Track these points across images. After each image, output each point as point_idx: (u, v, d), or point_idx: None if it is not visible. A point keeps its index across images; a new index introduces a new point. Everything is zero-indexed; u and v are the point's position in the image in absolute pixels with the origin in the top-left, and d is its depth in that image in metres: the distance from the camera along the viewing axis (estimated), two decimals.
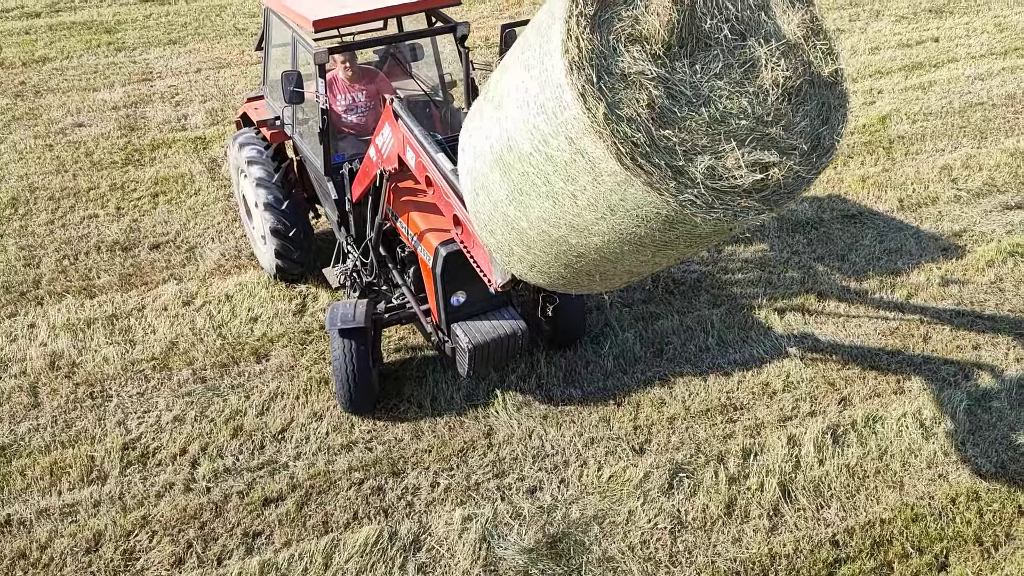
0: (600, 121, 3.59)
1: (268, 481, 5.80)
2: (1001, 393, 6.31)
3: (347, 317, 5.95)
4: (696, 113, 3.80)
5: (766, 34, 4.00)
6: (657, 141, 3.69)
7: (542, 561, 5.17)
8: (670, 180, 3.66)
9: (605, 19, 3.75)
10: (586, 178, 3.78)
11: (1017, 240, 7.97)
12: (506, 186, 4.19)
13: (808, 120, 3.98)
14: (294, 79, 6.11)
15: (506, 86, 4.06)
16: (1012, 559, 5.07)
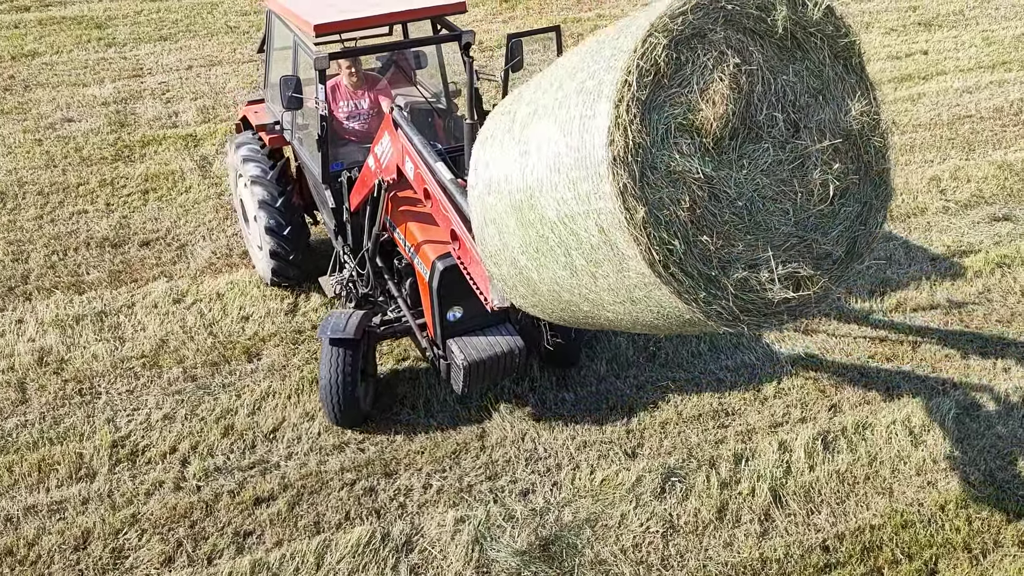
0: (638, 224, 3.41)
1: (259, 481, 5.76)
2: (989, 402, 6.38)
3: (338, 327, 5.79)
4: (738, 216, 3.66)
5: (821, 124, 3.83)
6: (693, 248, 3.54)
7: (534, 563, 5.17)
8: (700, 290, 3.53)
9: (657, 103, 3.52)
10: (611, 267, 3.62)
11: (1004, 251, 8.06)
12: (521, 237, 4.00)
13: (847, 223, 3.87)
14: (293, 84, 6.02)
15: (536, 137, 3.82)
16: (1000, 566, 5.12)
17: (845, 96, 3.88)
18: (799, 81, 3.82)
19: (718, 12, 3.63)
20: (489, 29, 13.23)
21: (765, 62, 3.77)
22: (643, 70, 3.44)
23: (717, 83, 3.59)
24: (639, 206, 3.41)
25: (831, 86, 3.87)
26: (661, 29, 3.49)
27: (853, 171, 3.88)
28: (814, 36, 3.82)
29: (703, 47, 3.62)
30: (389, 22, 6.84)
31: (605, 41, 3.74)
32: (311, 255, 7.35)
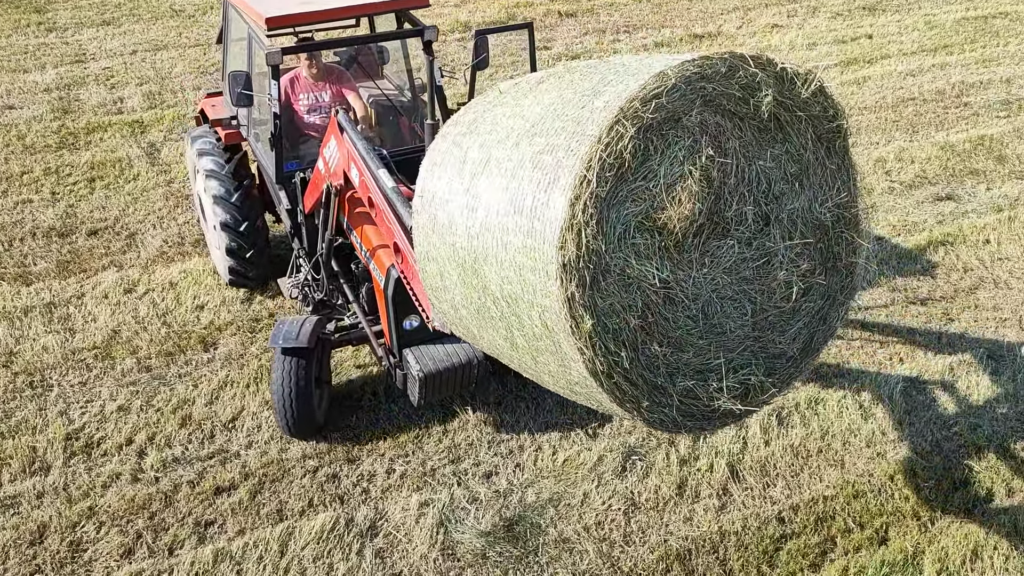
0: (584, 334, 3.14)
1: (219, 470, 5.71)
2: (935, 375, 6.59)
3: (291, 335, 5.55)
4: (692, 320, 3.41)
5: (793, 215, 3.54)
6: (641, 356, 3.31)
7: (499, 544, 5.22)
8: (644, 399, 3.32)
9: (618, 199, 3.17)
10: (553, 359, 3.36)
11: (947, 230, 8.31)
12: (462, 292, 3.73)
13: (807, 319, 3.67)
14: (242, 81, 5.79)
15: (485, 196, 3.47)
16: (948, 532, 5.32)
17: (824, 183, 3.60)
18: (776, 166, 3.51)
19: (696, 94, 3.25)
20: (442, 13, 13.15)
21: (742, 148, 3.44)
22: (605, 164, 3.08)
23: (686, 178, 3.25)
24: (587, 316, 3.12)
25: (810, 171, 3.58)
26: (630, 116, 3.11)
27: (820, 265, 3.65)
28: (799, 117, 3.50)
29: (675, 133, 3.27)
30: (344, 16, 6.61)
31: (573, 96, 3.37)
32: (271, 254, 7.14)
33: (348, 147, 5.27)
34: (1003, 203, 8.73)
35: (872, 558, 5.14)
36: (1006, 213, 8.54)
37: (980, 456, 5.85)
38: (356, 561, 5.10)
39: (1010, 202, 8.75)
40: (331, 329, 6.08)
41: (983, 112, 10.51)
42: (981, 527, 5.31)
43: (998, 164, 9.42)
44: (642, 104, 3.12)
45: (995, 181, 9.13)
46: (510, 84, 4.03)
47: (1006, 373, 6.56)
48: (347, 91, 6.66)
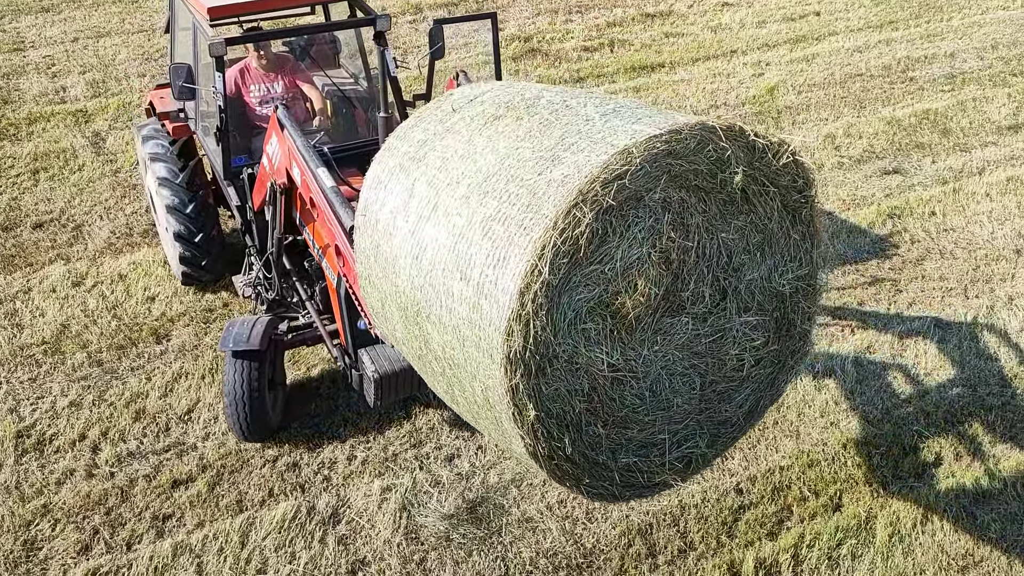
0: (527, 423, 3.03)
1: (176, 463, 5.63)
2: (884, 345, 6.74)
3: (241, 337, 5.38)
4: (639, 399, 3.32)
5: (751, 285, 3.43)
6: (584, 437, 3.23)
7: (463, 526, 5.23)
8: (584, 476, 3.26)
9: (571, 285, 3.01)
10: (492, 427, 3.28)
11: (895, 203, 8.48)
12: (403, 332, 3.59)
13: (756, 385, 3.62)
14: (183, 73, 5.58)
15: (431, 249, 3.27)
16: (899, 497, 5.46)
17: (787, 253, 3.49)
18: (739, 238, 3.37)
19: (662, 172, 3.06)
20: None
21: (705, 222, 3.28)
22: (559, 251, 2.88)
23: (644, 261, 3.10)
24: (530, 406, 3.00)
25: (773, 240, 3.46)
26: (589, 200, 2.90)
27: (773, 335, 3.56)
28: (767, 188, 3.34)
29: (636, 213, 3.09)
30: (290, 5, 6.44)
31: (531, 156, 3.14)
32: (227, 250, 6.92)
33: (289, 144, 5.13)
34: (948, 176, 8.93)
35: (827, 524, 5.26)
36: (951, 185, 8.74)
37: (929, 422, 6.01)
38: (319, 549, 5.08)
39: (954, 174, 8.95)
40: (284, 329, 5.89)
41: (928, 87, 10.72)
42: (931, 491, 5.46)
43: (943, 137, 9.63)
44: (603, 187, 2.90)
45: (940, 154, 9.33)
46: (464, 98, 3.78)
47: (952, 341, 6.74)
48: (301, 81, 6.50)
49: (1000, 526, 5.25)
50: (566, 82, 10.66)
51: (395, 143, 3.88)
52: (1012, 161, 9.16)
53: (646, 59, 11.33)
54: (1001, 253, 7.74)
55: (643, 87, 10.65)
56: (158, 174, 6.63)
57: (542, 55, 11.35)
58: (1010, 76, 10.94)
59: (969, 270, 7.54)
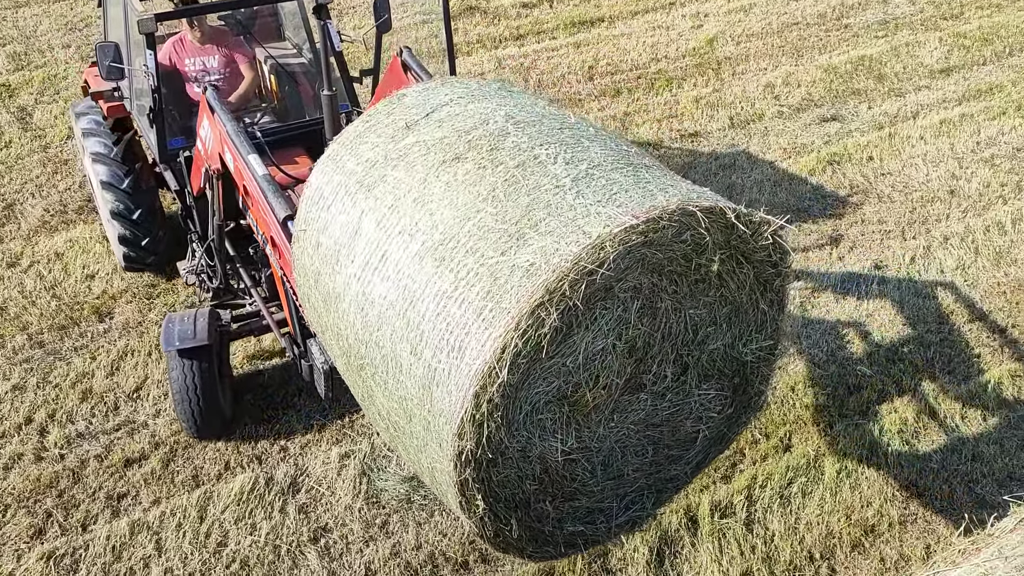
0: (475, 514, 2.95)
1: (128, 442, 5.54)
2: (827, 290, 6.91)
3: (186, 334, 5.13)
4: (590, 473, 3.23)
5: (713, 355, 3.30)
6: (532, 514, 3.16)
7: (423, 487, 5.25)
8: (528, 545, 3.19)
9: (530, 380, 2.86)
10: (437, 488, 3.15)
11: (834, 149, 8.64)
12: (343, 366, 3.45)
13: (707, 444, 3.56)
14: (110, 52, 5.32)
15: (380, 304, 3.03)
16: (845, 434, 5.65)
17: (753, 323, 3.35)
18: (708, 312, 3.23)
19: (636, 262, 2.86)
20: None
21: (674, 303, 3.12)
22: (520, 352, 2.67)
23: (608, 353, 2.94)
24: (479, 498, 2.89)
25: (741, 311, 3.32)
26: (556, 299, 2.66)
27: (729, 398, 3.50)
28: (742, 265, 3.19)
29: (604, 304, 2.91)
30: None
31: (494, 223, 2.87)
32: (172, 234, 6.62)
33: (220, 129, 4.90)
34: (884, 120, 9.11)
35: (778, 465, 5.41)
36: (887, 130, 8.92)
37: (872, 361, 6.20)
38: (279, 518, 5.07)
39: (890, 119, 9.13)
40: (228, 318, 5.64)
41: (862, 33, 10.87)
42: (875, 427, 5.66)
43: (878, 83, 9.79)
44: (571, 286, 2.66)
45: (876, 100, 9.50)
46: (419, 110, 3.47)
47: (892, 282, 6.94)
48: (238, 55, 6.26)
49: (941, 456, 5.47)
50: (506, 40, 10.55)
51: (341, 154, 3.61)
52: (944, 104, 9.38)
53: (585, 14, 11.25)
54: (936, 195, 7.96)
55: (583, 43, 10.60)
56: (91, 149, 6.39)
57: (481, 13, 11.20)
58: (941, 20, 11.15)
59: (906, 212, 7.74)
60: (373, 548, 4.91)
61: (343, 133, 3.76)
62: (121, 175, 6.31)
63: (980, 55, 10.35)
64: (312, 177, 3.67)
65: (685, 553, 4.90)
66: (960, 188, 8.03)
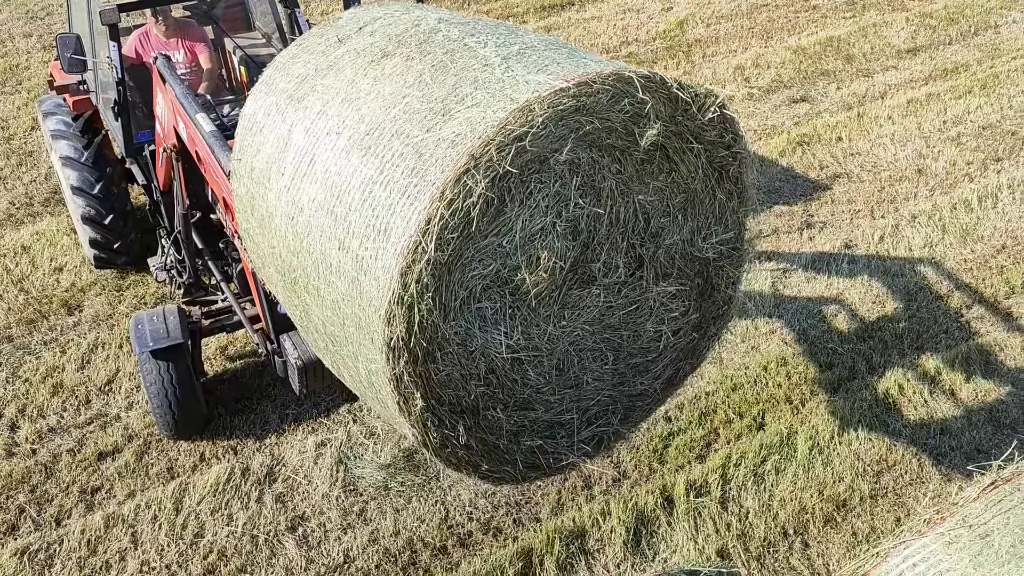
0: (415, 413, 2.72)
1: (100, 435, 5.49)
2: (798, 269, 6.98)
3: (159, 334, 5.02)
4: (544, 379, 2.99)
5: (671, 250, 3.07)
6: (482, 422, 2.91)
7: (400, 474, 5.27)
8: (483, 462, 2.95)
9: (463, 261, 2.64)
10: (381, 407, 2.97)
11: (804, 130, 8.70)
12: (285, 296, 3.31)
13: (675, 355, 3.31)
14: (72, 44, 5.22)
15: (308, 207, 2.89)
16: (817, 412, 5.72)
17: (712, 214, 3.14)
18: (659, 200, 2.99)
19: (569, 131, 2.65)
20: None
21: (620, 185, 2.89)
22: (447, 225, 2.50)
23: (548, 232, 2.72)
24: (417, 395, 2.69)
25: (697, 200, 3.10)
26: (483, 166, 2.50)
27: (694, 302, 3.26)
28: (691, 145, 2.97)
29: (539, 178, 2.69)
30: None
31: (420, 106, 2.74)
32: (142, 231, 6.53)
33: (171, 97, 4.78)
34: (852, 101, 9.19)
35: (751, 443, 5.48)
36: (855, 111, 9.00)
37: (842, 339, 6.28)
38: (256, 508, 5.05)
39: (858, 99, 9.22)
40: (198, 314, 5.55)
41: (831, 14, 10.94)
42: (846, 403, 5.74)
43: (846, 64, 9.87)
44: (498, 151, 2.49)
45: (844, 80, 9.58)
46: (353, 25, 3.37)
47: (861, 261, 7.03)
48: (200, 48, 6.17)
49: (910, 431, 5.57)
50: None
51: (273, 77, 3.46)
52: (911, 84, 9.48)
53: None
54: (904, 174, 8.05)
55: (554, 26, 10.57)
56: (61, 153, 6.24)
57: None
58: (907, 0, 11.24)
59: (875, 192, 7.82)
60: (351, 535, 4.92)
61: (277, 58, 3.58)
62: (92, 180, 6.15)
63: (946, 34, 10.47)
64: (246, 106, 3.47)
65: (661, 532, 4.95)
66: (927, 167, 8.13)
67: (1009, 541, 1.88)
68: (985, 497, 2.06)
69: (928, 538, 2.06)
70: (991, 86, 9.35)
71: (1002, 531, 1.93)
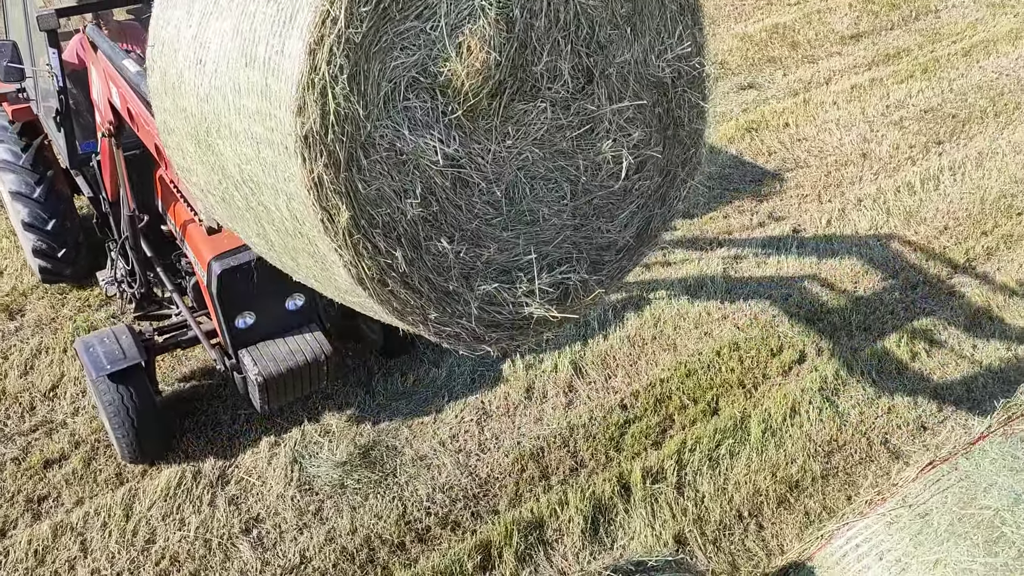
0: (341, 230, 2.41)
1: (46, 442, 5.34)
2: (750, 255, 7.07)
3: (115, 355, 4.78)
4: (493, 207, 2.71)
5: (623, 70, 2.85)
6: (425, 256, 2.61)
7: (356, 471, 5.22)
8: (431, 309, 2.65)
9: (381, 46, 2.36)
10: (312, 262, 2.68)
11: (751, 117, 8.80)
12: (204, 173, 2.99)
13: (642, 200, 3.05)
14: (8, 52, 5.01)
15: (215, 42, 2.67)
16: (769, 395, 5.81)
17: (663, 29, 2.94)
18: (602, 5, 2.76)
19: None
20: None
21: None
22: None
23: (477, 17, 2.47)
24: (342, 206, 2.39)
25: (646, 12, 2.90)
26: None
27: (657, 134, 3.03)
28: None
29: None
30: None
31: None
32: (90, 243, 6.24)
33: (103, 64, 4.43)
34: (798, 87, 9.31)
35: (706, 428, 5.54)
36: (801, 96, 9.13)
37: (792, 323, 6.38)
38: (209, 512, 4.97)
39: (804, 85, 9.34)
40: (150, 330, 5.27)
41: (776, 1, 11.06)
42: (796, 386, 5.83)
43: (792, 50, 10.00)
44: None
45: (790, 67, 9.70)
46: None
47: (810, 244, 7.14)
48: None
49: (859, 411, 5.68)
50: None
51: None
52: (855, 69, 9.64)
53: None
54: (849, 158, 8.19)
55: None
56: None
57: None
58: None
59: (822, 176, 7.95)
60: (307, 535, 4.86)
61: None
62: (32, 184, 5.91)
63: (888, 20, 10.65)
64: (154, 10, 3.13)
65: (619, 520, 4.99)
66: (872, 151, 8.27)
67: (947, 520, 1.93)
68: (924, 477, 2.10)
69: (870, 519, 2.09)
70: (932, 70, 9.55)
71: (940, 510, 1.97)
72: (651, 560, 3.11)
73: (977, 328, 6.28)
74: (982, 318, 6.38)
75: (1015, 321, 6.34)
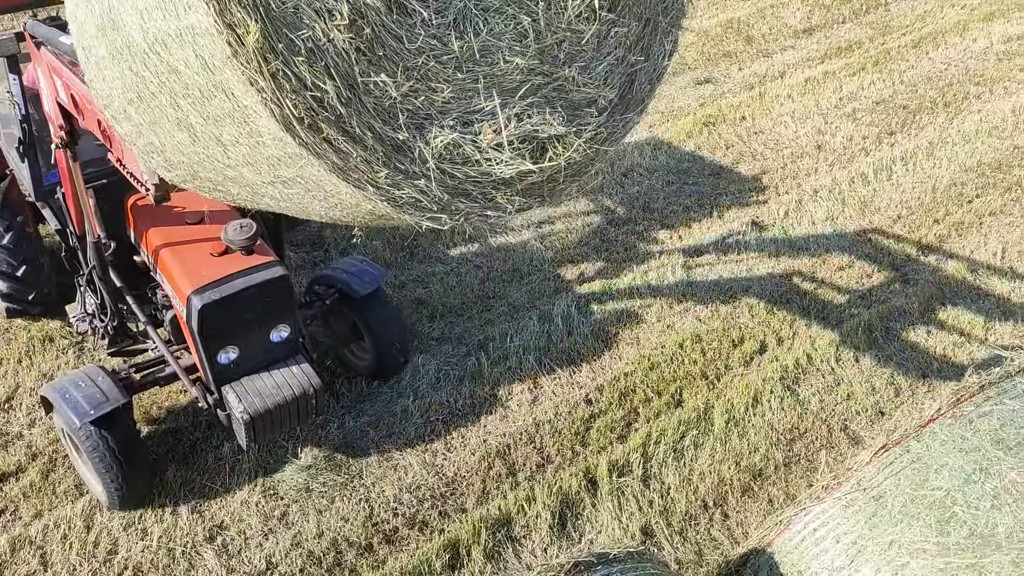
0: (250, 52, 2.06)
1: (2, 455, 5.23)
2: (710, 248, 7.15)
3: (96, 399, 4.48)
4: (441, 41, 2.35)
5: None
6: (363, 96, 2.25)
7: (322, 474, 5.19)
8: (380, 165, 2.28)
9: None
10: (236, 128, 2.35)
11: (709, 111, 8.89)
12: (118, 76, 2.62)
13: (621, 52, 2.72)
14: None
15: None
16: (732, 385, 5.88)
17: None
18: None
19: None
20: None
21: None
22: None
23: None
24: (250, 20, 2.03)
25: None
26: None
27: None
28: None
29: None
30: None
31: None
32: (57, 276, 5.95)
33: (47, 59, 4.07)
34: (753, 81, 9.43)
35: (670, 420, 5.59)
36: (757, 90, 9.25)
37: (752, 314, 6.46)
38: (172, 520, 4.90)
39: (759, 79, 9.47)
40: (125, 368, 5.00)
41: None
42: (758, 376, 5.91)
43: (747, 45, 10.12)
44: None
45: (745, 61, 9.82)
46: None
47: (768, 236, 7.23)
48: None
49: (819, 399, 5.77)
50: None
51: None
52: (808, 63, 9.79)
53: None
54: (804, 150, 8.31)
55: None
56: None
57: None
58: None
59: (778, 168, 8.06)
60: (273, 541, 4.82)
61: None
62: (1, 231, 5.61)
63: (840, 14, 10.83)
64: None
65: (586, 514, 5.01)
66: (826, 143, 8.41)
67: (901, 501, 1.97)
68: (877, 460, 2.14)
69: (827, 503, 2.14)
70: (883, 62, 9.73)
71: (894, 492, 2.02)
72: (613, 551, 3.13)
73: (931, 314, 6.42)
74: (935, 304, 6.52)
75: (966, 306, 6.49)
